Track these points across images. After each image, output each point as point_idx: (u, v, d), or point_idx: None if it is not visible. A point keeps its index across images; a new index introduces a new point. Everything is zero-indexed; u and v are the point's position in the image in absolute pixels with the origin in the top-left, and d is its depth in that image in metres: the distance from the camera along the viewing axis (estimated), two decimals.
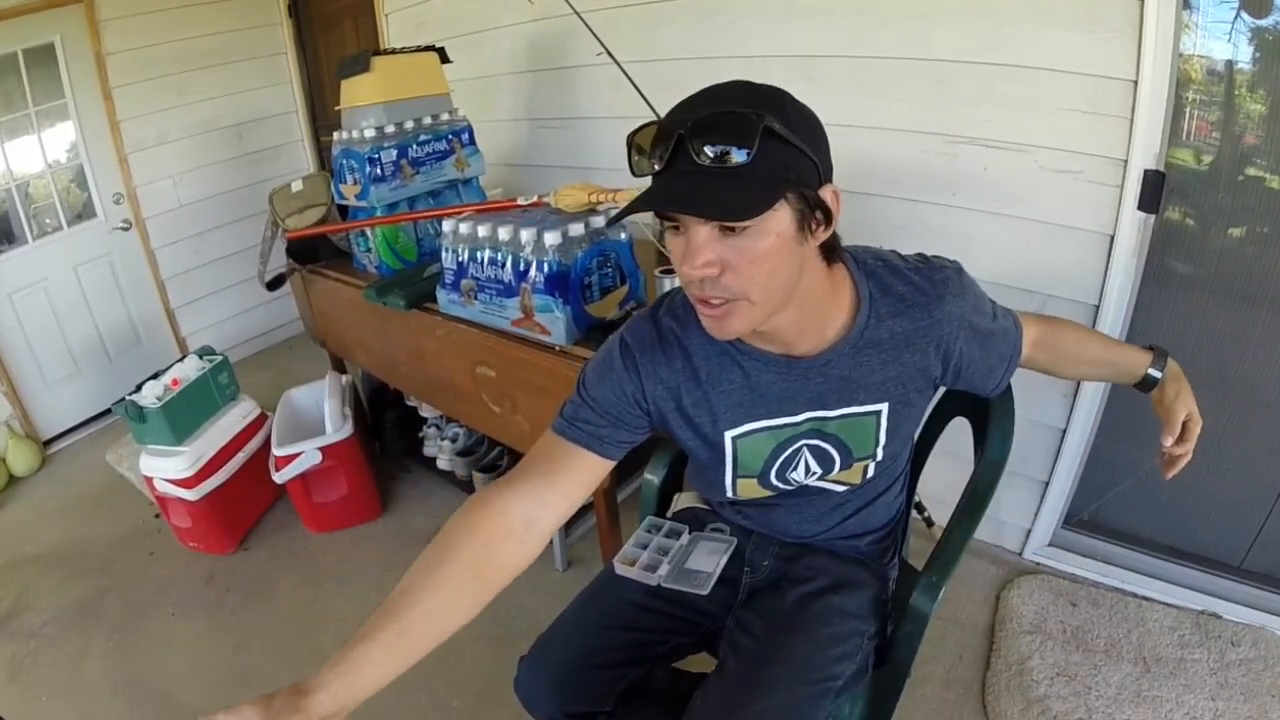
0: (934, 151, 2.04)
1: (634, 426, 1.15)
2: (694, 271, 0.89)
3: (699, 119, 0.85)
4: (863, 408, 1.13)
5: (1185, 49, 1.70)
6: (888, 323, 1.08)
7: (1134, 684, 1.87)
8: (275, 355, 4.66)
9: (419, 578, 1.00)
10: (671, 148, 0.87)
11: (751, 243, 0.88)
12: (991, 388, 1.24)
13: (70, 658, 2.39)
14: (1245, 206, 1.80)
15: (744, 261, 0.89)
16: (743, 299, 0.92)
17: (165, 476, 2.59)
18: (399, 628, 0.95)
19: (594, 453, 1.13)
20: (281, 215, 2.80)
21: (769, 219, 0.87)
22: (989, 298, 1.18)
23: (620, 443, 1.15)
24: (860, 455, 1.19)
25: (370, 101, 2.50)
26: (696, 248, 0.88)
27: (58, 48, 3.53)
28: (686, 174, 0.86)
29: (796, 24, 2.17)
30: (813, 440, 1.17)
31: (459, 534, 1.03)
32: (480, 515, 1.05)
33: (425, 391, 2.74)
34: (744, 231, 0.87)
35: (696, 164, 0.85)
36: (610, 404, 1.13)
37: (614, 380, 1.13)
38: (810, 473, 1.21)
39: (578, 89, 2.90)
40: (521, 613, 2.34)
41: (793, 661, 1.16)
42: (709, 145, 0.84)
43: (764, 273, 0.90)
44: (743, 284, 0.91)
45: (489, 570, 1.04)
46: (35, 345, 3.67)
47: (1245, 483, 1.99)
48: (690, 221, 0.88)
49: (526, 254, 1.89)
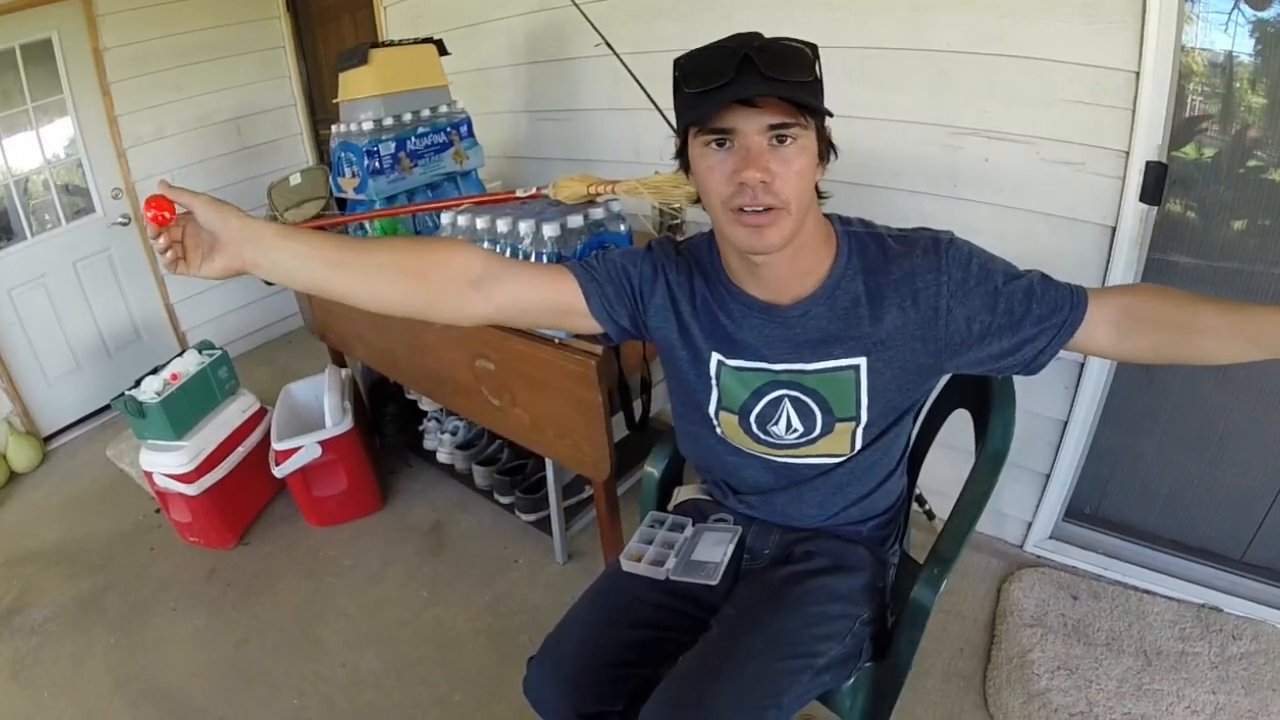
0: (935, 143, 2.03)
1: (621, 301, 1.26)
2: (753, 174, 0.97)
3: (760, 44, 0.97)
4: (839, 361, 1.17)
5: (1187, 41, 1.69)
6: (861, 277, 1.15)
7: (1135, 677, 1.87)
8: (275, 349, 4.65)
9: (375, 245, 1.16)
10: (737, 65, 0.95)
11: (794, 155, 0.99)
12: (1031, 358, 1.12)
13: (72, 654, 2.39)
14: (1247, 198, 1.79)
15: (789, 172, 0.99)
16: (783, 208, 1.01)
17: (165, 471, 2.59)
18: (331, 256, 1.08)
19: (579, 284, 1.24)
20: (280, 209, 2.80)
21: (807, 137, 1.00)
22: (1006, 263, 1.14)
23: (604, 299, 1.25)
24: (842, 415, 1.21)
25: (368, 94, 2.49)
26: (755, 154, 0.98)
27: (55, 43, 3.52)
28: (755, 82, 0.95)
29: (796, 15, 2.17)
30: (793, 391, 1.21)
31: (429, 242, 1.20)
32: (453, 245, 1.19)
33: (425, 385, 2.73)
34: (790, 144, 0.99)
35: (765, 76, 0.94)
36: (618, 272, 1.26)
37: (632, 258, 1.27)
38: (791, 428, 1.24)
39: (576, 81, 2.89)
40: (522, 607, 2.35)
41: (772, 633, 1.18)
42: (777, 64, 0.95)
43: (803, 185, 1.02)
44: (788, 192, 1.00)
45: (432, 276, 1.15)
46: (35, 341, 3.67)
47: (1247, 476, 1.99)
48: (748, 130, 0.98)
49: (525, 246, 1.88)
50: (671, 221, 2.15)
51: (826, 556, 1.30)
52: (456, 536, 2.73)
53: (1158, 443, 2.11)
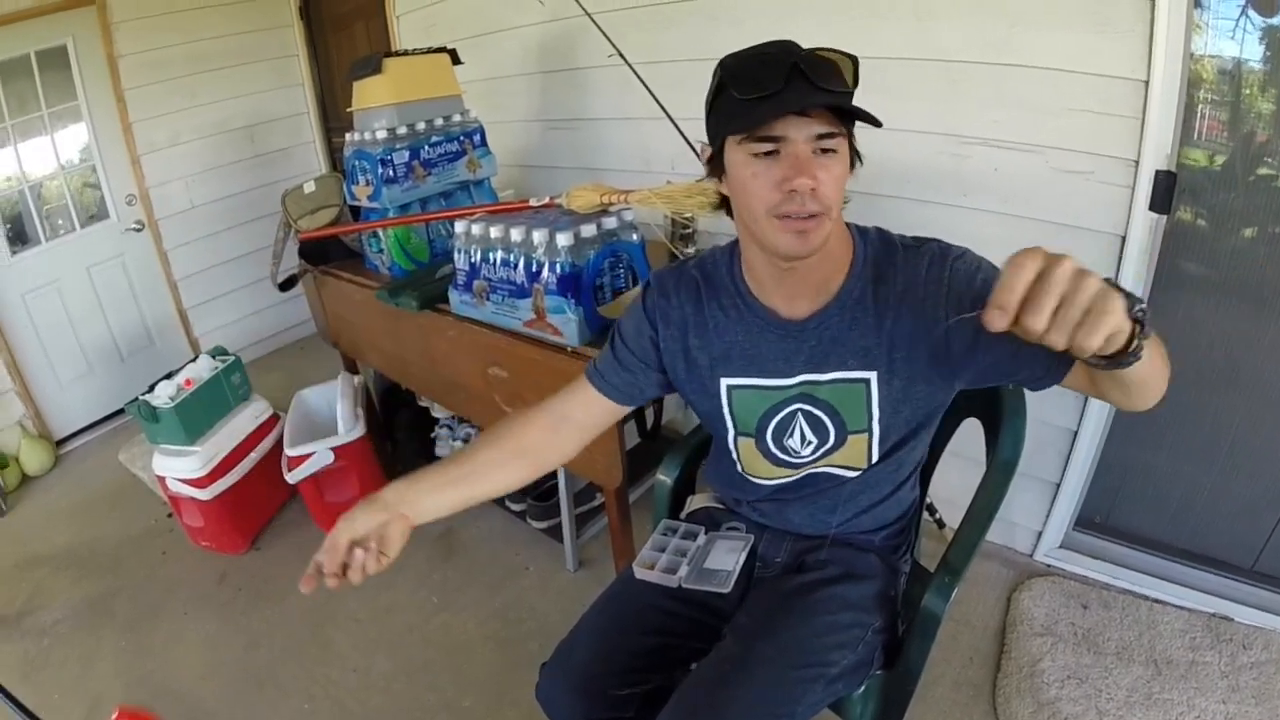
0: (945, 152, 2.04)
1: (651, 366, 1.31)
2: (805, 181, 0.98)
3: (808, 55, 0.99)
4: (851, 373, 1.17)
5: (1196, 49, 1.69)
6: (873, 286, 1.15)
7: (1145, 687, 1.86)
8: (287, 356, 4.68)
9: (474, 450, 1.27)
10: (787, 75, 0.97)
11: (836, 162, 1.01)
12: (1035, 376, 1.05)
13: (82, 656, 2.40)
14: (1258, 206, 1.79)
15: (831, 178, 1.01)
16: (825, 213, 1.02)
17: (178, 476, 2.61)
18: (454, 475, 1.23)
19: (599, 393, 1.33)
20: (294, 216, 2.82)
21: (844, 146, 1.03)
22: None
23: (621, 391, 1.32)
24: (854, 428, 1.21)
25: (382, 103, 2.51)
26: (804, 162, 0.99)
27: (70, 50, 3.56)
28: (806, 91, 0.97)
29: (807, 23, 2.17)
30: (806, 405, 1.22)
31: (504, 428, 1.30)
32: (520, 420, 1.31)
33: (437, 392, 2.75)
34: (832, 155, 1.01)
35: (816, 86, 0.96)
36: (634, 344, 1.31)
37: (636, 320, 1.31)
38: (806, 442, 1.24)
39: (588, 90, 2.90)
40: (532, 614, 2.36)
41: (784, 643, 1.18)
42: (825, 75, 0.98)
43: (840, 191, 1.04)
44: (830, 198, 1.02)
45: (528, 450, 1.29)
46: (48, 345, 3.70)
47: (1257, 485, 1.98)
48: (797, 139, 0.99)
49: (539, 255, 1.90)
50: (683, 231, 2.16)
51: (838, 565, 1.31)
52: (467, 543, 2.74)
53: (1168, 452, 2.10)
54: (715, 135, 1.09)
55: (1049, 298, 0.70)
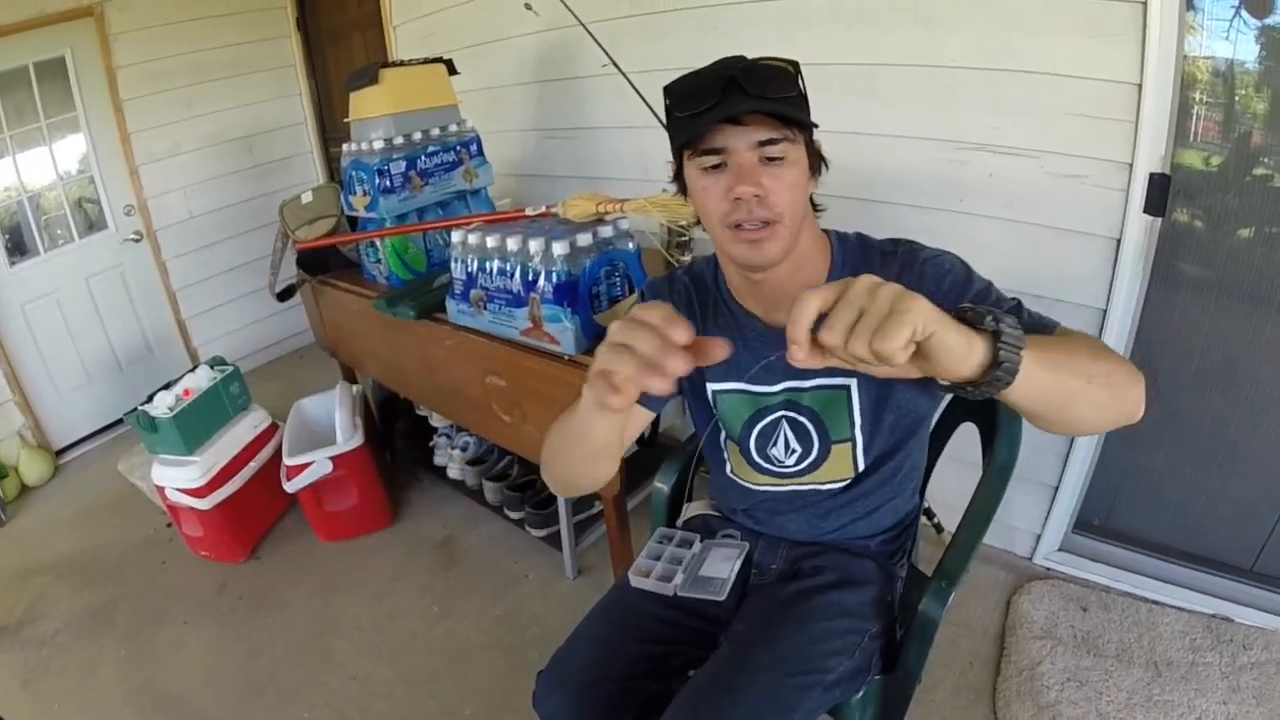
0: (942, 158, 2.05)
1: None
2: (747, 189, 1.00)
3: (744, 65, 1.01)
4: (831, 379, 1.19)
5: (1190, 51, 1.70)
6: None
7: (1145, 689, 1.86)
8: (286, 365, 4.68)
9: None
10: (722, 87, 0.99)
11: (785, 170, 1.02)
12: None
13: (82, 666, 2.40)
14: (1253, 207, 1.80)
15: (781, 186, 1.02)
16: (778, 221, 1.04)
17: (177, 486, 2.61)
18: None
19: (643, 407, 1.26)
20: (292, 226, 2.82)
21: (797, 151, 1.04)
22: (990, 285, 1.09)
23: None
24: (838, 437, 1.23)
25: (379, 113, 2.51)
26: (746, 170, 1.01)
27: (68, 61, 3.57)
28: (740, 100, 0.98)
29: (803, 32, 2.18)
30: (790, 413, 1.25)
31: None
32: None
33: (435, 401, 2.75)
34: (780, 162, 1.02)
35: (750, 94, 0.98)
36: None
37: None
38: (790, 451, 1.26)
39: (584, 99, 2.91)
40: (533, 620, 2.36)
41: (781, 650, 1.18)
42: (761, 83, 0.99)
43: (795, 197, 1.05)
44: (780, 205, 1.03)
45: None
46: (47, 355, 3.70)
47: (1256, 485, 1.99)
48: (738, 148, 1.01)
49: (535, 264, 1.90)
50: (679, 239, 2.16)
51: (834, 571, 1.31)
52: (467, 551, 2.74)
53: (1166, 453, 2.10)
54: (673, 153, 1.11)
55: (846, 312, 0.70)
